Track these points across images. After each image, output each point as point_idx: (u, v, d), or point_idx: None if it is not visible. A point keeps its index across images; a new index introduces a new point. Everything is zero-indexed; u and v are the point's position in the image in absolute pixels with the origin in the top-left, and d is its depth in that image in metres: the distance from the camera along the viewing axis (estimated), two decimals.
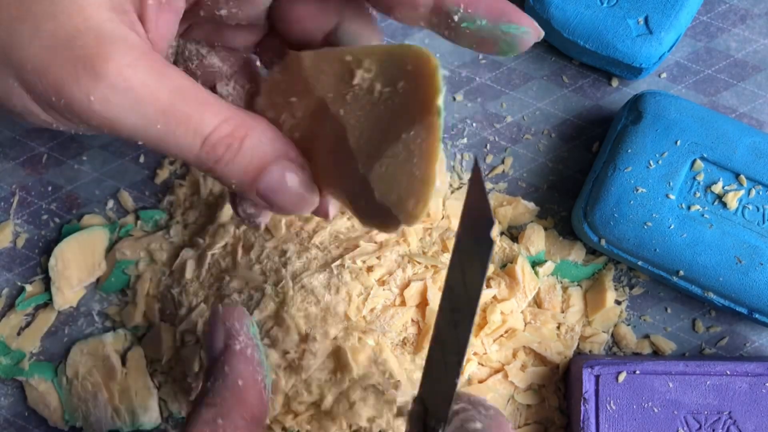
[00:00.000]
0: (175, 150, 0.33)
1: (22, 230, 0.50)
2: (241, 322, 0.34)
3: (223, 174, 0.34)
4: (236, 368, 0.33)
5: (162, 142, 0.32)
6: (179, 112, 0.32)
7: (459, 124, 0.50)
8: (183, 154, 0.33)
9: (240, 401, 0.33)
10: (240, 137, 0.33)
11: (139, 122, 0.32)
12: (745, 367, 0.43)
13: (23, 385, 0.49)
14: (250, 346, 0.34)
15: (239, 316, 0.34)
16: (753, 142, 0.45)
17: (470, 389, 0.45)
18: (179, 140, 0.32)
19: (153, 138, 0.32)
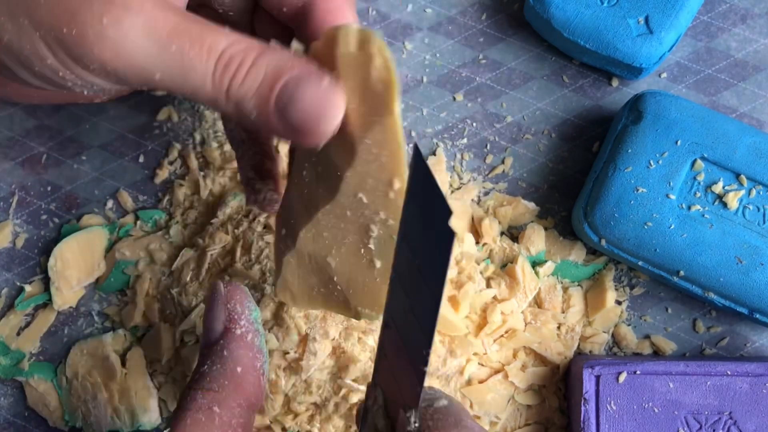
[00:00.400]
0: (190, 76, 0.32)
1: (21, 230, 0.50)
2: (242, 304, 0.33)
3: (239, 95, 0.32)
4: (235, 354, 0.32)
5: (176, 67, 0.32)
6: (193, 31, 0.32)
7: (459, 124, 0.50)
8: (198, 78, 0.32)
9: (238, 388, 0.32)
10: (254, 54, 0.32)
11: (153, 47, 0.31)
12: (745, 368, 0.43)
13: (23, 385, 0.49)
14: (251, 331, 0.33)
15: (241, 298, 0.33)
16: (753, 142, 0.45)
17: (470, 389, 0.45)
18: (194, 62, 0.32)
19: (166, 64, 0.32)
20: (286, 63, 0.33)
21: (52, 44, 0.32)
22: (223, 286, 0.33)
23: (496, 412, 0.45)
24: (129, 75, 0.32)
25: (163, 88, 0.33)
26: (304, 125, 0.32)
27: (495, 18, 0.51)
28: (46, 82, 0.34)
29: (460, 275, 0.45)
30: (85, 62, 0.32)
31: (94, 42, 0.31)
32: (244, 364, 0.32)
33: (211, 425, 0.31)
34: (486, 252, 0.48)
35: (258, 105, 0.32)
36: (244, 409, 0.32)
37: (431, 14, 0.51)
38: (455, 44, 0.51)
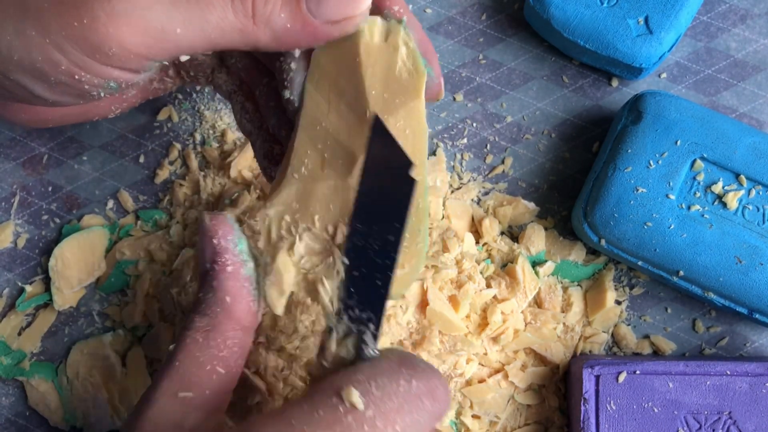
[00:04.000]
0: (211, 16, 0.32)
1: (22, 230, 0.50)
2: (226, 238, 0.34)
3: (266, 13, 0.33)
4: (223, 284, 0.34)
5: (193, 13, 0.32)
6: None
7: (459, 124, 0.50)
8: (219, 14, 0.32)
9: (229, 315, 0.34)
10: None
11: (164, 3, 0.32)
12: (745, 367, 0.43)
13: (24, 385, 0.49)
14: (236, 262, 0.34)
15: (225, 232, 0.34)
16: (753, 142, 0.45)
17: (470, 389, 0.45)
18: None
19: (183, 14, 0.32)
20: None
21: (65, 46, 0.32)
22: (208, 219, 0.35)
23: (496, 412, 0.45)
24: (151, 44, 0.32)
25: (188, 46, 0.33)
26: (340, 13, 0.33)
27: (495, 18, 0.51)
28: (62, 91, 0.35)
29: (460, 275, 0.46)
30: (104, 50, 0.32)
31: (108, 22, 0.32)
32: (232, 293, 0.34)
33: (207, 345, 0.33)
34: (486, 252, 0.48)
35: (290, 13, 0.33)
36: (237, 332, 0.34)
37: (431, 14, 0.51)
38: (455, 44, 0.51)
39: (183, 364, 0.33)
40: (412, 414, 0.30)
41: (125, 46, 0.32)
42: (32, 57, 0.33)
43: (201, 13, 0.32)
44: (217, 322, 0.34)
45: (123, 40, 0.32)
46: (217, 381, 0.33)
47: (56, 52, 0.33)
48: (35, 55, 0.33)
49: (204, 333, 0.33)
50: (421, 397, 0.31)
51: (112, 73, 0.34)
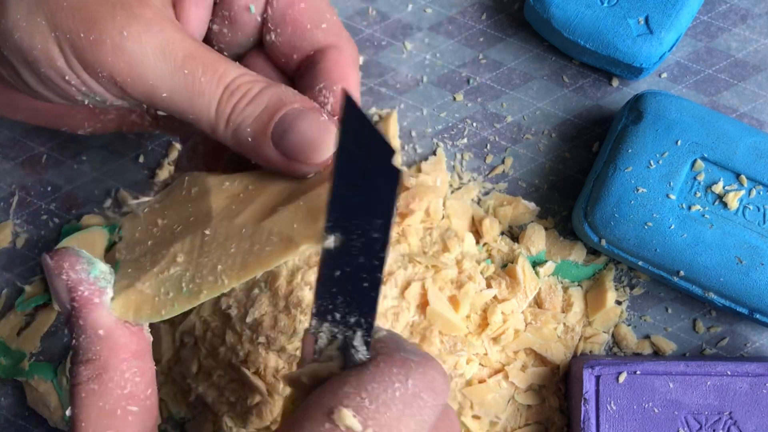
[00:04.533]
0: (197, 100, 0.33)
1: (21, 230, 0.50)
2: (74, 268, 0.32)
3: (238, 121, 0.34)
4: (90, 319, 0.32)
5: (184, 90, 0.33)
6: (207, 59, 0.34)
7: (459, 124, 0.50)
8: (203, 103, 0.34)
9: (111, 348, 0.32)
10: (260, 86, 0.34)
11: (166, 67, 0.33)
12: (745, 368, 0.43)
13: (23, 385, 0.49)
14: (94, 291, 0.32)
15: (72, 263, 0.32)
16: (753, 142, 0.45)
17: (470, 389, 0.45)
18: (203, 87, 0.33)
19: (176, 86, 0.33)
20: (288, 97, 0.35)
21: (66, 47, 0.33)
22: (49, 258, 0.32)
23: (496, 412, 0.45)
24: (136, 90, 0.33)
25: (165, 108, 0.34)
26: (298, 154, 0.34)
27: (495, 18, 0.51)
28: (48, 87, 0.35)
29: (460, 275, 0.45)
30: (96, 69, 0.33)
31: (110, 51, 0.32)
32: (103, 325, 0.32)
33: (105, 389, 0.31)
34: (486, 252, 0.48)
35: (255, 130, 0.34)
36: (131, 361, 0.32)
37: (431, 14, 0.51)
38: (455, 44, 0.51)
39: (90, 422, 0.31)
40: (414, 417, 0.29)
41: (114, 78, 0.33)
42: (32, 43, 0.33)
43: (189, 94, 0.33)
44: (104, 361, 0.31)
45: (115, 73, 0.33)
46: (135, 421, 0.31)
47: (56, 48, 0.33)
48: (36, 42, 0.33)
49: (97, 379, 0.31)
50: (420, 394, 0.29)
51: (98, 88, 0.34)
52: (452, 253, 0.46)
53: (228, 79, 0.34)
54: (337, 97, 0.37)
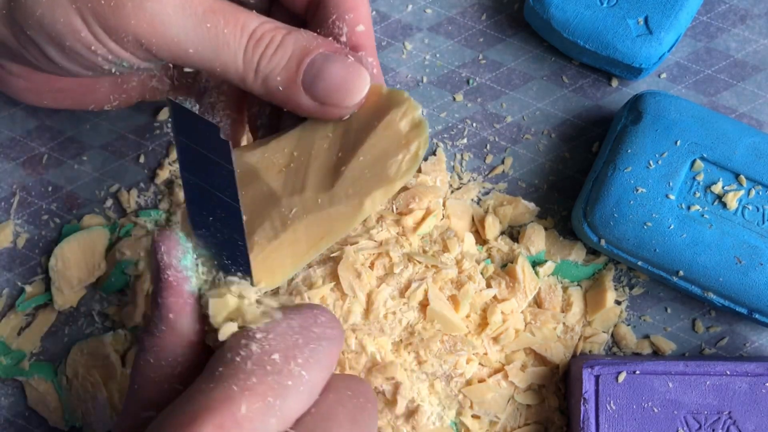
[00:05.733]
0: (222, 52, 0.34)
1: (22, 230, 0.50)
2: (170, 253, 0.34)
3: (267, 71, 0.35)
4: (166, 301, 0.34)
5: (209, 44, 0.34)
6: (227, 11, 0.34)
7: (459, 124, 0.50)
8: (230, 54, 0.34)
9: (173, 332, 0.33)
10: (283, 32, 0.35)
11: (189, 23, 0.33)
12: (745, 367, 0.43)
13: (23, 385, 0.49)
14: (178, 278, 0.34)
15: (169, 247, 0.34)
16: (753, 142, 0.45)
17: (470, 389, 0.45)
18: (227, 38, 0.34)
19: (200, 40, 0.34)
20: (312, 41, 0.35)
21: (88, 16, 0.33)
22: (156, 235, 0.35)
23: (496, 412, 0.45)
24: (162, 48, 0.34)
25: (192, 64, 0.35)
26: (331, 98, 0.35)
27: (495, 18, 0.51)
28: (74, 60, 0.35)
29: (460, 275, 0.46)
30: (120, 34, 0.34)
31: (131, 13, 0.33)
32: (175, 310, 0.34)
33: (158, 365, 0.33)
34: (486, 252, 0.48)
35: (285, 79, 0.35)
36: (186, 347, 0.34)
37: (431, 14, 0.51)
38: (455, 44, 0.51)
39: (139, 385, 0.33)
40: (308, 344, 0.32)
41: (139, 40, 0.34)
42: (55, 17, 0.34)
43: (215, 47, 0.34)
44: (164, 340, 0.33)
45: (139, 35, 0.34)
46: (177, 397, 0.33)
47: (78, 19, 0.34)
48: (58, 16, 0.34)
49: (153, 353, 0.33)
50: (309, 327, 0.32)
51: (126, 54, 0.35)
52: (452, 253, 0.46)
53: (250, 28, 0.34)
54: (350, 26, 0.37)
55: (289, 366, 0.31)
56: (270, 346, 0.31)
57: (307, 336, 0.32)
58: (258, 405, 0.29)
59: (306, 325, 0.33)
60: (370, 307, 0.44)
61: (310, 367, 0.31)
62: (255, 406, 0.29)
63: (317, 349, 0.32)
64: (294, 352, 0.31)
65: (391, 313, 0.44)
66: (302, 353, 0.31)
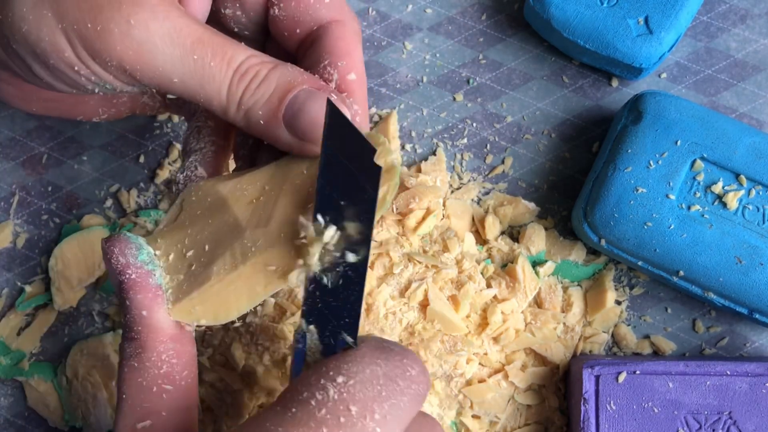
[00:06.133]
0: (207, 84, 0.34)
1: (22, 230, 0.50)
2: (123, 253, 0.33)
3: (249, 105, 0.34)
4: (135, 300, 0.33)
5: (195, 75, 0.34)
6: (216, 43, 0.34)
7: (459, 124, 0.50)
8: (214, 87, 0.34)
9: (150, 330, 0.33)
10: (269, 67, 0.35)
11: (176, 53, 0.33)
12: (745, 368, 0.43)
13: (23, 385, 0.49)
14: (141, 274, 0.33)
15: (122, 249, 0.33)
16: (753, 142, 0.45)
17: (470, 389, 0.45)
18: (213, 71, 0.34)
19: (186, 71, 0.34)
20: (297, 77, 0.35)
21: (73, 38, 0.33)
22: (103, 243, 0.34)
23: (496, 412, 0.45)
24: (146, 76, 0.34)
25: (176, 92, 0.35)
26: (310, 135, 0.34)
27: (495, 18, 0.51)
28: (57, 77, 0.35)
29: (460, 275, 0.46)
30: (104, 58, 0.33)
31: (118, 40, 0.33)
32: (146, 305, 0.33)
33: (143, 367, 0.33)
34: (486, 252, 0.48)
35: (267, 113, 0.35)
36: (167, 343, 0.33)
37: (431, 14, 0.51)
38: (455, 44, 0.51)
39: (129, 395, 0.33)
40: (389, 399, 0.30)
41: (124, 66, 0.34)
42: (40, 35, 0.33)
43: (200, 78, 0.34)
44: (144, 340, 0.33)
45: (124, 61, 0.33)
46: (169, 399, 0.33)
47: (63, 40, 0.33)
48: (43, 35, 0.33)
49: (137, 357, 0.33)
50: (396, 379, 0.31)
51: (108, 77, 0.35)
52: (452, 253, 0.46)
53: (237, 62, 0.34)
54: (341, 74, 0.37)
55: (365, 421, 0.29)
56: (348, 395, 0.29)
57: (391, 389, 0.30)
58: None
59: (393, 375, 0.31)
60: (370, 307, 0.44)
61: (386, 425, 0.30)
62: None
63: (398, 406, 0.30)
64: (373, 406, 0.30)
65: (391, 313, 0.44)
66: (381, 408, 0.30)
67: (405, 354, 0.32)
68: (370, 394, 0.30)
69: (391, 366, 0.31)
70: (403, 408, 0.30)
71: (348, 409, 0.29)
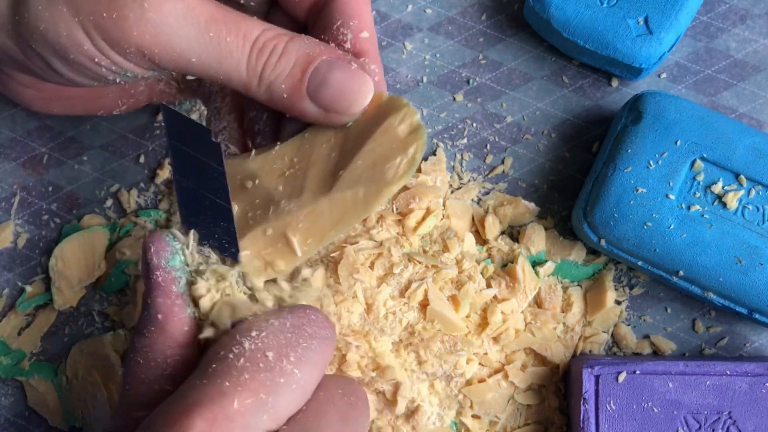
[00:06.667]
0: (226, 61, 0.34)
1: (22, 230, 0.50)
2: (159, 254, 0.34)
3: (271, 80, 0.35)
4: (155, 302, 0.34)
5: (212, 53, 0.34)
6: (229, 19, 0.34)
7: (459, 124, 0.50)
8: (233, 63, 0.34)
9: (163, 332, 0.34)
10: (285, 40, 0.35)
11: (191, 32, 0.34)
12: (744, 367, 0.43)
13: (23, 385, 0.49)
14: (167, 279, 0.34)
15: (158, 248, 0.34)
16: (753, 142, 0.45)
17: (470, 389, 0.45)
18: (230, 47, 0.34)
19: (204, 49, 0.34)
20: (315, 48, 0.35)
21: (91, 29, 0.34)
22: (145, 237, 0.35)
23: (496, 412, 0.45)
24: (165, 59, 0.34)
25: (196, 72, 0.35)
26: (336, 105, 0.35)
27: (495, 18, 0.51)
28: (79, 71, 0.36)
29: (460, 275, 0.46)
30: (123, 46, 0.34)
31: (134, 25, 0.33)
32: (164, 311, 0.34)
33: (148, 365, 0.33)
34: (486, 252, 0.48)
35: (290, 87, 0.35)
36: (175, 348, 0.34)
37: (431, 14, 0.51)
38: (455, 44, 0.51)
39: (131, 386, 0.33)
40: (300, 343, 0.32)
41: (142, 51, 0.34)
42: (58, 31, 0.34)
43: (218, 56, 0.34)
44: (153, 341, 0.34)
45: (142, 46, 0.34)
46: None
47: (81, 33, 0.34)
48: (61, 30, 0.34)
49: (143, 354, 0.33)
50: (303, 327, 0.33)
51: (129, 65, 0.35)
52: (452, 253, 0.46)
53: (253, 36, 0.34)
54: (354, 33, 0.37)
55: (282, 364, 0.31)
56: (263, 344, 0.31)
57: (300, 335, 0.33)
58: (250, 401, 0.30)
59: (299, 324, 0.33)
60: (370, 307, 0.44)
61: (302, 365, 0.32)
62: (247, 402, 0.30)
63: (310, 348, 0.32)
64: (287, 350, 0.32)
65: (391, 313, 0.44)
66: (295, 351, 0.32)
67: (305, 306, 0.34)
68: (282, 341, 0.32)
69: (296, 317, 0.33)
70: (315, 350, 0.32)
71: (265, 355, 0.31)
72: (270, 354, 0.31)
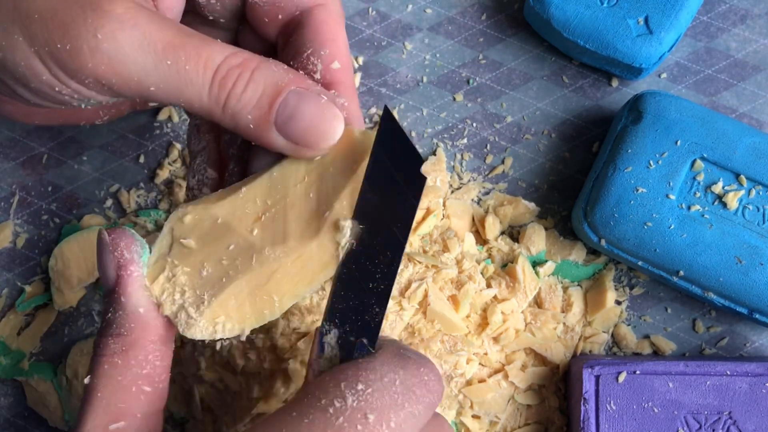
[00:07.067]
0: (186, 89, 0.32)
1: (22, 230, 0.50)
2: (130, 249, 0.33)
3: (236, 110, 0.33)
4: (133, 296, 0.33)
5: (171, 81, 0.32)
6: (188, 46, 0.32)
7: (459, 124, 0.50)
8: (194, 92, 0.32)
9: (145, 328, 0.33)
10: (251, 67, 0.33)
11: (148, 61, 0.32)
12: (745, 368, 0.43)
13: (23, 385, 0.49)
14: (141, 274, 0.33)
15: (128, 243, 0.33)
16: (753, 142, 0.45)
17: (470, 389, 0.45)
18: (190, 75, 0.32)
19: (162, 78, 0.32)
20: (284, 77, 0.33)
21: (47, 59, 0.32)
22: (107, 234, 0.33)
23: (496, 412, 0.45)
24: (124, 88, 0.33)
25: (158, 101, 0.33)
26: (304, 140, 0.33)
27: (495, 18, 0.51)
28: (43, 97, 0.34)
29: (461, 275, 0.46)
30: (80, 77, 0.32)
31: (88, 56, 0.32)
32: (144, 304, 0.33)
33: (127, 365, 0.32)
34: (486, 252, 0.48)
35: (257, 118, 0.33)
36: (157, 344, 0.33)
37: (431, 14, 0.51)
38: (455, 44, 0.51)
39: (105, 393, 0.32)
40: (406, 407, 0.30)
41: (100, 81, 0.32)
42: (15, 60, 0.32)
43: (177, 84, 0.32)
44: (134, 338, 0.32)
45: (99, 75, 0.32)
46: (145, 401, 0.32)
47: (39, 63, 0.32)
48: (18, 60, 0.32)
49: (122, 354, 0.32)
50: (412, 388, 0.31)
51: (91, 93, 0.33)
52: (452, 253, 0.46)
53: (215, 63, 0.32)
54: (325, 63, 0.36)
55: (380, 428, 0.30)
56: (366, 403, 0.30)
57: (407, 397, 0.30)
58: None
59: (409, 384, 0.31)
60: None
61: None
62: None
63: (413, 414, 0.30)
64: (389, 413, 0.30)
65: (391, 313, 0.44)
66: (398, 416, 0.30)
67: (422, 362, 0.32)
68: (387, 402, 0.30)
69: (408, 374, 0.31)
70: (418, 416, 0.31)
71: (365, 416, 0.29)
72: (371, 417, 0.30)
